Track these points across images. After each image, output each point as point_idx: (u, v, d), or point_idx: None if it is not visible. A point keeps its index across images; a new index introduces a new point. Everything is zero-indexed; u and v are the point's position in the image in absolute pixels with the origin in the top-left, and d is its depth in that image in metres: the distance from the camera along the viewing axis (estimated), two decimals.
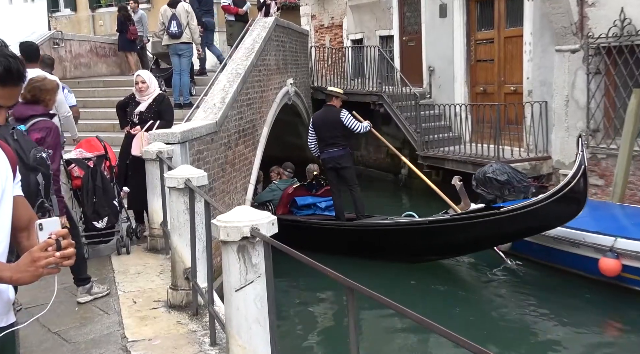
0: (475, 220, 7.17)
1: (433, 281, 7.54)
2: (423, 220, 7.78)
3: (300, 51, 13.12)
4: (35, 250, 1.54)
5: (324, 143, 8.64)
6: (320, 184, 9.67)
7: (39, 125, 4.06)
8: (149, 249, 5.58)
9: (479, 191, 8.60)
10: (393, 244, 7.91)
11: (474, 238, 7.34)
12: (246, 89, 8.37)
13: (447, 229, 7.44)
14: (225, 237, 2.63)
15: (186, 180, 3.94)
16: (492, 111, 9.86)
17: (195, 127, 6.17)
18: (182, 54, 9.65)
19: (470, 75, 11.73)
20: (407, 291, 7.23)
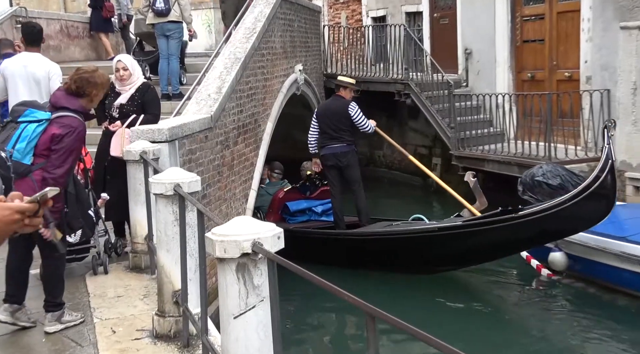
0: (490, 226, 7.40)
1: (449, 296, 7.75)
2: (432, 227, 7.99)
3: (311, 32, 13.13)
4: (18, 207, 1.78)
5: (327, 137, 8.86)
6: (315, 185, 9.82)
7: (63, 120, 4.16)
8: (131, 268, 5.59)
9: (526, 197, 8.54)
10: (399, 254, 8.10)
11: (489, 245, 7.56)
12: (247, 77, 8.38)
13: (459, 236, 7.66)
14: (221, 253, 2.63)
15: (175, 185, 3.94)
16: (542, 102, 9.80)
17: (187, 122, 6.19)
18: (171, 35, 9.70)
19: (515, 59, 11.68)
20: (419, 306, 7.42)
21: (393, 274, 8.15)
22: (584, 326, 7.07)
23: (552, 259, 7.83)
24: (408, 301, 7.54)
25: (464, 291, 7.98)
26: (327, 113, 8.97)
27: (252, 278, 2.65)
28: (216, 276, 2.91)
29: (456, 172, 11.40)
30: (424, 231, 8.03)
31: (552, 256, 7.83)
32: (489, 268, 8.36)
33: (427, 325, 6.24)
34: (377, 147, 14.47)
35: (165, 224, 4.13)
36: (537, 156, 9.61)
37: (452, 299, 7.73)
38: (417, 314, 7.03)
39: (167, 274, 4.16)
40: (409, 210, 10.50)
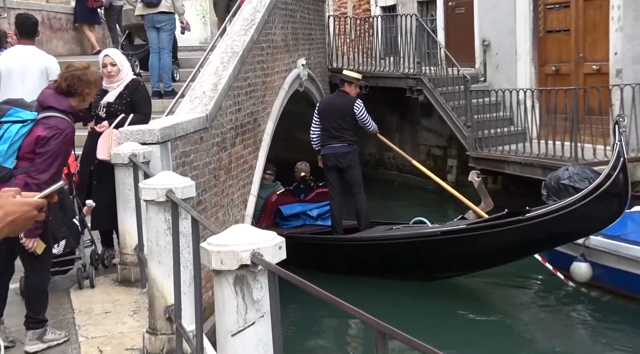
0: (496, 229, 7.56)
1: (453, 304, 7.92)
2: (434, 231, 8.17)
3: (315, 23, 13.14)
4: (36, 204, 1.95)
5: (328, 135, 9.00)
6: (310, 187, 9.93)
7: (50, 121, 4.17)
8: (119, 281, 5.60)
9: (550, 202, 8.52)
10: (400, 260, 8.24)
11: (496, 250, 7.74)
12: (245, 73, 8.40)
13: (463, 240, 7.81)
14: (218, 265, 2.63)
15: (168, 191, 3.95)
16: (568, 98, 9.79)
17: (180, 122, 6.20)
18: (162, 27, 9.72)
19: (538, 51, 11.67)
20: (422, 315, 7.56)
21: (394, 282, 8.28)
22: (603, 335, 7.18)
23: (575, 269, 7.79)
24: (410, 310, 7.68)
25: (469, 299, 8.12)
26: (329, 110, 9.10)
27: (252, 291, 2.64)
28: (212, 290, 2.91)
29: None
30: (426, 236, 8.20)
31: (576, 267, 7.79)
32: (496, 273, 8.49)
33: (431, 334, 6.61)
34: (387, 148, 14.45)
35: (156, 234, 4.13)
36: (563, 157, 9.60)
37: (457, 307, 7.86)
38: (421, 323, 7.19)
39: (159, 287, 4.16)
40: (421, 215, 10.58)
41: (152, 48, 9.74)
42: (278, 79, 10.07)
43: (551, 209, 7.36)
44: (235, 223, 7.49)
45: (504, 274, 8.50)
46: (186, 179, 4.18)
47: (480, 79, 12.62)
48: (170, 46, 9.86)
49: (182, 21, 10.38)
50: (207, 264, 2.68)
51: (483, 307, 7.94)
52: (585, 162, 9.24)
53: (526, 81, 11.65)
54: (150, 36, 9.78)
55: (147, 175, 4.58)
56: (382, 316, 1.86)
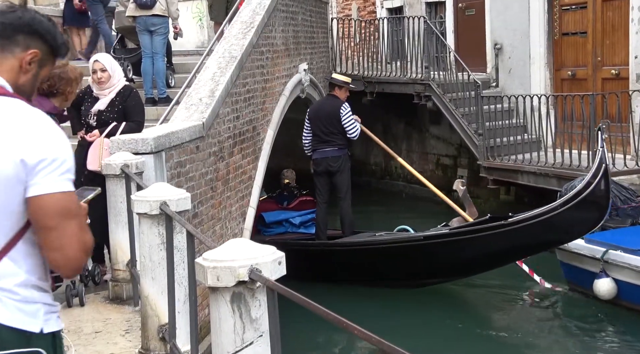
0: (479, 233, 8.02)
1: (438, 311, 8.27)
2: (417, 236, 8.63)
3: (318, 25, 13.17)
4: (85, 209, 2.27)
5: (318, 140, 9.44)
6: (293, 194, 10.21)
7: None
8: (110, 298, 5.60)
9: None
10: (383, 265, 8.60)
11: (479, 255, 8.18)
12: (244, 79, 8.41)
13: (447, 245, 8.26)
14: (214, 282, 2.63)
15: (162, 204, 3.95)
16: (585, 104, 9.79)
17: (175, 130, 6.21)
18: (155, 30, 9.73)
19: (553, 54, 11.68)
20: (406, 322, 7.92)
21: (376, 289, 8.64)
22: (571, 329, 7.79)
23: (598, 287, 7.77)
24: (394, 317, 8.05)
25: (454, 306, 8.48)
26: (319, 114, 9.56)
27: (250, 310, 2.64)
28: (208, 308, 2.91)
29: (485, 186, 11.39)
30: (409, 240, 8.62)
31: (598, 284, 7.77)
32: (482, 281, 8.85)
33: (418, 343, 6.98)
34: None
35: (150, 249, 4.13)
36: (580, 166, 9.58)
37: (443, 315, 8.19)
38: (407, 331, 7.55)
39: (153, 306, 4.15)
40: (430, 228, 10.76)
41: (145, 52, 9.75)
42: (278, 84, 10.08)
43: (533, 214, 7.81)
44: (233, 237, 7.48)
45: (487, 281, 8.89)
46: (181, 191, 4.19)
47: (492, 84, 12.62)
48: (163, 50, 9.89)
49: (175, 26, 10.39)
50: (202, 280, 2.68)
51: (466, 313, 8.32)
52: None
53: (541, 86, 11.65)
54: (142, 40, 9.78)
55: (140, 187, 4.59)
56: (365, 322, 1.90)
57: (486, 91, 11.94)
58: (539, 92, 11.32)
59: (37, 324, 2.00)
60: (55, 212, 1.97)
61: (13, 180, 1.94)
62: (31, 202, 1.96)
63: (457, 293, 8.81)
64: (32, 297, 2.01)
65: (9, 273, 1.98)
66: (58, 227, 1.97)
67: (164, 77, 9.82)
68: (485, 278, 8.81)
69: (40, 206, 1.96)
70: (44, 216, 1.97)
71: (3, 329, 1.93)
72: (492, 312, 8.52)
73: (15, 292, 1.98)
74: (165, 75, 9.86)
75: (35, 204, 1.96)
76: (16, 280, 1.99)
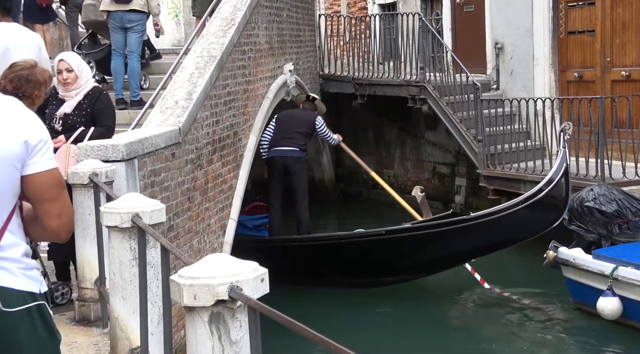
0: (440, 228, 8.71)
1: (394, 310, 8.90)
2: (378, 231, 9.18)
3: (304, 23, 13.20)
4: None
5: (279, 136, 10.10)
6: (246, 198, 10.45)
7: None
8: (77, 320, 5.55)
9: (573, 227, 8.55)
10: (343, 263, 9.11)
11: (440, 251, 8.91)
12: (224, 80, 8.42)
13: (409, 240, 8.90)
14: (191, 301, 2.62)
15: (134, 216, 3.94)
16: (593, 108, 9.84)
17: (148, 136, 6.20)
18: (132, 27, 9.67)
19: (558, 54, 11.73)
20: (363, 322, 8.47)
21: (330, 289, 9.18)
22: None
23: (603, 305, 7.76)
24: (348, 316, 8.61)
25: (408, 305, 9.09)
26: (292, 116, 10.39)
27: (229, 331, 2.63)
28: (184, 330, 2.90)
29: (485, 196, 11.42)
30: (369, 236, 9.20)
31: (603, 302, 7.76)
32: (436, 282, 9.57)
33: (373, 343, 7.70)
34: (387, 165, 14.51)
35: (120, 265, 4.11)
36: (587, 175, 9.63)
37: (397, 313, 8.83)
38: (366, 332, 8.10)
39: (123, 327, 4.13)
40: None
41: (117, 51, 9.70)
42: (262, 86, 10.09)
43: (494, 210, 8.65)
44: (212, 252, 7.47)
45: (441, 282, 9.59)
46: (155, 202, 4.17)
47: (492, 86, 12.67)
48: (139, 49, 9.86)
49: (156, 23, 10.36)
50: (178, 299, 2.67)
51: (419, 312, 8.89)
52: (613, 182, 9.26)
53: (545, 89, 11.70)
54: (115, 37, 9.73)
55: (110, 197, 4.57)
56: (314, 322, 1.93)
57: (486, 93, 11.98)
58: (543, 95, 11.37)
59: (37, 286, 2.50)
60: (54, 185, 2.47)
61: (17, 159, 2.38)
62: (34, 178, 2.42)
63: (408, 291, 9.43)
64: (30, 263, 2.51)
65: (12, 244, 2.45)
66: (58, 197, 2.49)
67: (139, 78, 9.79)
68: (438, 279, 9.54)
69: (43, 180, 2.43)
70: (46, 189, 2.45)
71: (14, 292, 2.41)
72: (445, 312, 9.24)
73: (20, 261, 2.46)
74: (139, 75, 9.82)
75: (39, 179, 2.43)
76: (20, 250, 2.47)
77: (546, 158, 10.57)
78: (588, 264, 8.00)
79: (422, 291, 9.50)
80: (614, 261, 7.80)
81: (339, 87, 14.01)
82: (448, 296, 9.55)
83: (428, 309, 9.05)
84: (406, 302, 9.11)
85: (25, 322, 2.43)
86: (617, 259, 7.81)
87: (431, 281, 9.55)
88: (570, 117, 10.47)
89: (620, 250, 8.13)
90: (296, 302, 7.91)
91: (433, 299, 9.40)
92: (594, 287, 7.96)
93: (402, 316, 8.77)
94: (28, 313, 2.45)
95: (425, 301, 9.28)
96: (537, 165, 10.58)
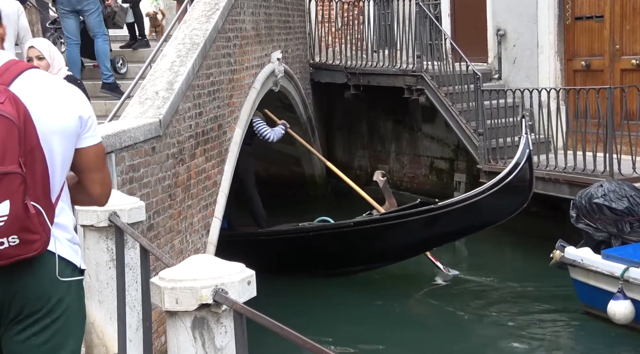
0: (409, 218, 9.42)
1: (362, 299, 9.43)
2: (347, 222, 9.88)
3: (294, 7, 13.18)
4: None
5: None
6: None
7: None
8: None
9: (581, 225, 8.56)
10: (311, 254, 9.71)
11: (409, 239, 9.64)
12: (208, 69, 8.41)
13: (377, 230, 9.58)
14: (173, 305, 2.62)
15: (111, 214, 3.93)
16: (601, 99, 9.85)
17: (126, 129, 6.18)
18: (85, 9, 9.42)
19: (564, 42, 11.74)
20: (330, 311, 8.98)
21: (296, 278, 9.72)
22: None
23: (614, 309, 7.78)
24: (315, 305, 9.15)
25: (376, 294, 9.64)
26: None
27: (214, 337, 2.63)
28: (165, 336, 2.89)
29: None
30: (338, 227, 9.88)
31: (614, 306, 7.78)
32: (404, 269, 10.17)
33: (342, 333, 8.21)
34: (382, 160, 14.52)
35: (97, 267, 4.10)
36: (595, 171, 9.64)
37: (366, 302, 9.32)
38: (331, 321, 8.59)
39: (100, 333, 4.12)
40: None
41: (71, 39, 9.49)
42: (248, 76, 10.08)
43: (461, 198, 9.58)
44: (195, 253, 7.46)
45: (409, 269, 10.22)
46: (134, 199, 4.18)
47: (494, 76, 12.67)
48: (102, 28, 9.70)
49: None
50: (158, 303, 2.67)
51: (387, 300, 9.45)
52: (623, 178, 9.27)
53: (550, 79, 11.70)
54: (66, 23, 9.44)
55: None
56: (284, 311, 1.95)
57: (487, 83, 11.99)
58: (547, 85, 11.37)
59: (79, 260, 2.72)
60: (102, 157, 2.80)
61: (74, 133, 2.66)
62: (87, 151, 2.71)
63: (376, 281, 10.08)
64: (75, 237, 2.75)
65: (64, 213, 2.70)
66: (104, 167, 2.83)
67: (108, 59, 9.68)
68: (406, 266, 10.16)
69: (94, 153, 2.73)
70: (98, 160, 2.76)
71: (61, 260, 2.63)
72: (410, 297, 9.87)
73: (69, 231, 2.71)
74: (109, 57, 9.72)
75: (91, 152, 2.72)
76: (69, 218, 2.74)
77: (551, 152, 10.57)
78: (597, 265, 8.00)
79: (409, 284, 10.13)
80: (624, 261, 7.80)
81: (330, 77, 13.99)
82: (447, 296, 9.69)
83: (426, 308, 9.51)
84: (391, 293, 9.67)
85: (72, 293, 2.66)
86: (628, 259, 7.81)
87: (417, 274, 10.25)
88: (576, 108, 10.49)
89: (631, 250, 8.13)
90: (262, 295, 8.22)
91: (423, 294, 9.92)
92: (603, 289, 7.97)
93: (388, 307, 9.24)
94: (76, 285, 2.69)
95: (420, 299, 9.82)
96: (541, 160, 10.56)
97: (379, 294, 9.63)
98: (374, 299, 9.48)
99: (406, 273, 10.20)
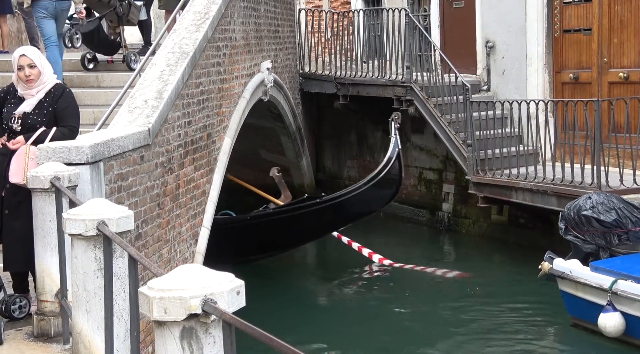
0: (298, 211, 10.97)
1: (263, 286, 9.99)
2: (243, 216, 11.35)
3: (283, 18, 13.20)
4: None
5: None
6: None
7: None
8: (35, 335, 5.50)
9: (569, 237, 8.57)
10: (210, 246, 10.26)
11: (300, 229, 11.18)
12: (197, 78, 8.42)
13: (271, 223, 11.13)
14: (161, 315, 2.62)
15: (99, 223, 3.92)
16: (589, 111, 9.89)
17: (115, 137, 6.18)
18: (63, 15, 9.86)
19: (553, 54, 11.79)
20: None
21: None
22: None
23: (603, 321, 7.78)
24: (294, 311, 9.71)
25: (275, 280, 10.92)
26: None
27: (202, 348, 2.63)
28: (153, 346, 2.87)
29: (475, 205, 11.45)
30: (235, 221, 11.26)
31: (605, 318, 7.78)
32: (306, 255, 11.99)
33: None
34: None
35: (84, 276, 4.08)
36: (583, 183, 9.67)
37: (267, 289, 10.01)
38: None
39: (87, 343, 4.10)
40: (412, 254, 11.13)
41: (50, 40, 9.65)
42: (237, 85, 10.10)
43: (342, 192, 11.24)
44: (184, 262, 7.45)
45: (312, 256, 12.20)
46: (122, 208, 4.17)
47: (482, 87, 12.71)
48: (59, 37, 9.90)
49: (80, 11, 10.18)
50: (147, 313, 2.66)
51: (291, 286, 10.77)
52: (611, 190, 9.29)
53: (538, 91, 11.75)
54: (47, 26, 9.64)
55: (74, 203, 4.55)
56: None
57: (476, 95, 12.02)
58: (536, 97, 11.42)
59: None
60: None
61: None
62: None
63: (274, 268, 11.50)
64: None
65: None
66: None
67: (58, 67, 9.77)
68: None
69: None
70: None
71: None
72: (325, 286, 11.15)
73: None
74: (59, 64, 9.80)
75: None
76: None
77: (539, 164, 10.60)
78: (585, 277, 8.02)
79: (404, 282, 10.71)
80: (612, 274, 7.82)
81: (320, 87, 14.02)
82: (431, 305, 9.85)
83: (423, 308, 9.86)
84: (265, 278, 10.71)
85: None
86: (616, 272, 7.83)
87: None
88: (565, 120, 10.53)
89: (619, 262, 8.15)
90: None
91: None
92: (592, 301, 7.98)
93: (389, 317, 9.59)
94: None
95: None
96: (529, 171, 10.59)
97: (373, 303, 9.97)
98: (367, 308, 9.83)
99: (403, 286, 10.56)
